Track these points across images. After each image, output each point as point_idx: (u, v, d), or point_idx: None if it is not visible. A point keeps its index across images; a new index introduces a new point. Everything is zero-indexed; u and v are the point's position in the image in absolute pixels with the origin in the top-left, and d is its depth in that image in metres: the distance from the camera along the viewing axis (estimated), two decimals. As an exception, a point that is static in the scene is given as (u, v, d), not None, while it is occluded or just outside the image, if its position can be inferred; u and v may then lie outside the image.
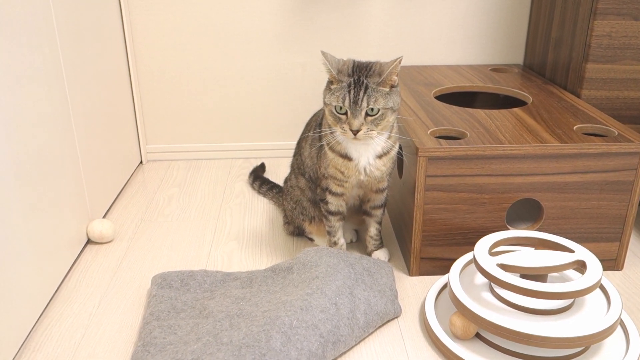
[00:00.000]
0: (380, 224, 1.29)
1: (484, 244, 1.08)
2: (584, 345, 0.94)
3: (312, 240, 1.38)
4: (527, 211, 1.35)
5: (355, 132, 1.07)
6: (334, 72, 1.09)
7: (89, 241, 1.39)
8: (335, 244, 1.27)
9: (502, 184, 1.18)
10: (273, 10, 1.72)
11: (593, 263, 1.01)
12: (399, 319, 1.13)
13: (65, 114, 1.25)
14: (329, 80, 1.12)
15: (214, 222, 1.49)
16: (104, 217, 1.50)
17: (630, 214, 1.23)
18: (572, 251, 1.06)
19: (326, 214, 1.25)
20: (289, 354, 0.93)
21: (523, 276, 1.03)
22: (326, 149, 1.18)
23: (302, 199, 1.32)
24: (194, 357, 0.93)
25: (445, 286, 1.18)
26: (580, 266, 1.02)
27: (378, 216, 1.28)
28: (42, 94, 1.15)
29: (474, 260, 1.05)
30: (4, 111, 1.00)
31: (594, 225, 1.24)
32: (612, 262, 1.28)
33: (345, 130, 1.08)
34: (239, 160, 1.87)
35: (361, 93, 1.06)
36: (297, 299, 1.03)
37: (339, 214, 1.26)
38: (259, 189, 1.63)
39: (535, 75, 1.67)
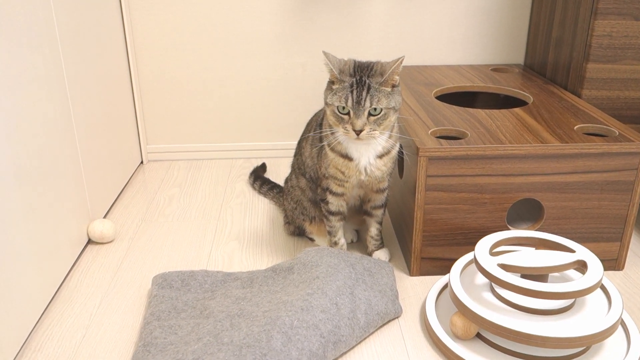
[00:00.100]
0: (380, 224, 1.29)
1: (484, 244, 1.08)
2: (584, 345, 0.94)
3: (312, 240, 1.38)
4: (527, 211, 1.35)
5: (358, 132, 1.07)
6: (336, 72, 1.08)
7: (89, 241, 1.39)
8: (335, 244, 1.27)
9: (503, 184, 1.18)
10: (273, 10, 1.72)
11: (594, 263, 1.01)
12: (399, 319, 1.13)
13: (65, 114, 1.25)
14: (330, 81, 1.12)
15: (215, 222, 1.49)
16: (104, 217, 1.50)
17: (631, 213, 1.23)
18: (572, 251, 1.06)
19: (327, 214, 1.25)
20: (289, 354, 0.93)
21: (524, 276, 1.03)
22: (326, 149, 1.17)
23: (303, 199, 1.32)
24: (194, 357, 0.93)
25: (445, 286, 1.18)
26: (581, 266, 1.02)
27: (379, 216, 1.28)
28: (43, 94, 1.15)
29: (474, 260, 1.05)
30: (5, 111, 1.00)
31: (594, 225, 1.24)
32: (612, 262, 1.28)
33: (347, 130, 1.08)
34: (239, 160, 1.87)
35: (364, 93, 1.06)
36: (298, 299, 1.03)
37: (340, 214, 1.26)
38: (260, 189, 1.63)
39: (536, 75, 1.67)
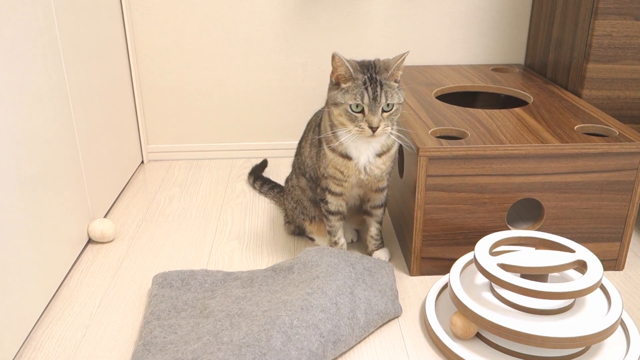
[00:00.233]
0: (380, 223, 1.29)
1: (484, 243, 1.08)
2: (584, 345, 0.94)
3: (312, 240, 1.38)
4: (527, 211, 1.35)
5: (374, 129, 1.07)
6: (351, 70, 1.08)
7: (90, 241, 1.39)
8: (335, 243, 1.27)
9: (503, 183, 1.18)
10: (273, 10, 1.72)
11: (594, 263, 1.01)
12: (399, 318, 1.13)
13: (66, 114, 1.26)
14: (334, 82, 1.11)
15: (215, 221, 1.49)
16: (105, 216, 1.50)
17: (631, 214, 1.23)
18: (572, 251, 1.06)
19: (326, 213, 1.25)
20: (289, 354, 0.93)
21: (523, 276, 1.03)
22: (325, 149, 1.17)
23: (303, 199, 1.32)
24: (194, 357, 0.93)
25: (445, 286, 1.18)
26: (581, 266, 1.02)
27: (378, 216, 1.28)
28: (43, 94, 1.15)
29: (474, 260, 1.05)
30: (5, 111, 1.00)
31: (594, 225, 1.24)
32: (612, 262, 1.28)
33: (363, 128, 1.08)
34: (240, 160, 1.87)
35: (378, 89, 1.07)
36: (298, 299, 1.03)
37: (339, 214, 1.26)
38: (260, 189, 1.63)
39: (536, 75, 1.67)
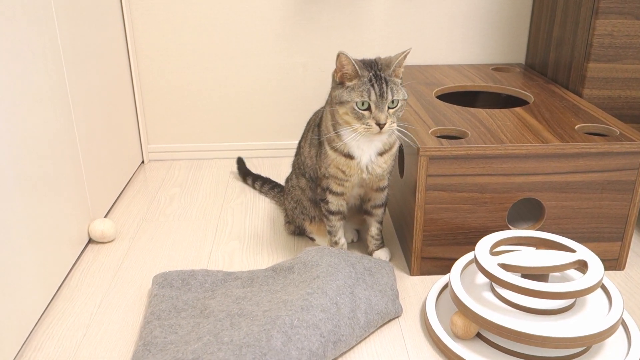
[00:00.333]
0: (381, 223, 1.29)
1: (485, 243, 1.07)
2: (585, 345, 0.94)
3: (313, 240, 1.38)
4: (528, 211, 1.35)
5: (382, 126, 1.07)
6: (358, 68, 1.08)
7: (90, 241, 1.39)
8: (336, 243, 1.27)
9: (504, 183, 1.18)
10: (274, 10, 1.72)
11: (594, 263, 1.01)
12: (399, 318, 1.13)
13: (66, 114, 1.26)
14: (339, 81, 1.11)
15: (215, 221, 1.49)
16: (105, 216, 1.50)
17: (632, 213, 1.22)
18: (573, 251, 1.06)
19: (327, 213, 1.25)
20: (289, 354, 0.93)
21: (524, 276, 1.03)
22: (327, 149, 1.17)
23: (303, 199, 1.32)
24: (194, 357, 0.93)
25: (446, 286, 1.18)
26: (582, 266, 1.02)
27: (379, 215, 1.28)
28: (44, 94, 1.15)
29: (475, 260, 1.05)
30: (5, 111, 1.00)
31: (595, 225, 1.23)
32: (613, 262, 1.27)
33: (370, 125, 1.08)
34: (240, 160, 1.87)
35: (384, 86, 1.07)
36: (298, 299, 1.03)
37: (340, 214, 1.26)
38: (260, 189, 1.63)
39: (537, 75, 1.66)
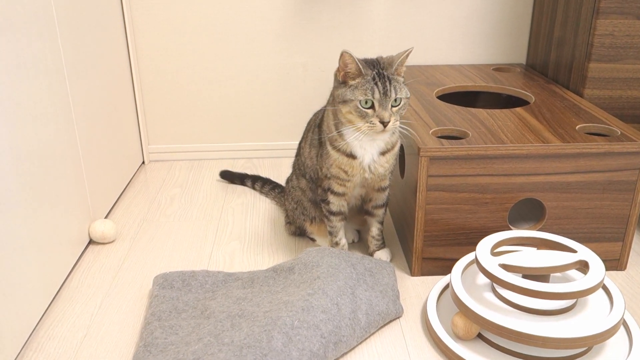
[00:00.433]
0: (382, 223, 1.29)
1: (486, 244, 1.07)
2: (586, 346, 0.94)
3: (313, 241, 1.38)
4: (529, 211, 1.35)
5: (386, 124, 1.07)
6: (361, 66, 1.08)
7: (91, 241, 1.39)
8: (337, 244, 1.27)
9: (505, 183, 1.18)
10: (274, 10, 1.72)
11: (596, 263, 1.01)
12: (400, 319, 1.13)
13: (67, 114, 1.26)
14: (341, 80, 1.11)
15: (216, 222, 1.49)
16: (106, 217, 1.50)
17: (633, 213, 1.22)
18: (574, 251, 1.06)
19: (328, 214, 1.25)
20: (290, 355, 0.93)
21: (525, 276, 1.03)
22: (329, 149, 1.17)
23: (303, 200, 1.32)
24: (195, 357, 0.93)
25: (447, 286, 1.18)
26: (583, 266, 1.02)
27: (380, 216, 1.28)
28: (44, 95, 1.15)
29: (475, 261, 1.05)
30: (6, 112, 1.00)
31: (596, 225, 1.23)
32: (615, 262, 1.27)
33: (374, 124, 1.08)
34: (240, 160, 1.87)
35: (387, 84, 1.07)
36: (299, 299, 1.03)
37: (341, 214, 1.25)
38: (261, 189, 1.63)
39: (538, 75, 1.66)
